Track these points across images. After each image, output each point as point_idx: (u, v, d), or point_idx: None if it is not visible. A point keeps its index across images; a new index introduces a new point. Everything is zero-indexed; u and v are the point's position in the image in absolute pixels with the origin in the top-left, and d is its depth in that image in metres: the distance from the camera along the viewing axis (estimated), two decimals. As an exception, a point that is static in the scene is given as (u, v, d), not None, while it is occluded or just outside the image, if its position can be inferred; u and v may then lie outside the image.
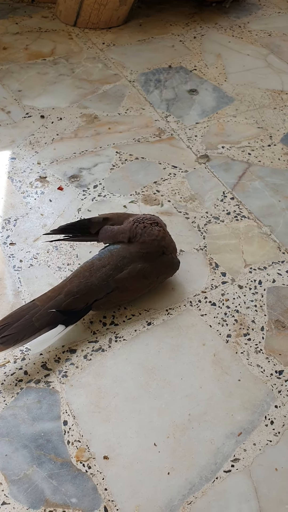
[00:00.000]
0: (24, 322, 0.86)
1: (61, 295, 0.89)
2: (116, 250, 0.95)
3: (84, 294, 0.91)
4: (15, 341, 0.85)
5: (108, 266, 0.93)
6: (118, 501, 0.76)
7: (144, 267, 0.94)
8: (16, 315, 0.87)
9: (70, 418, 0.84)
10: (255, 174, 1.31)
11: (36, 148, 1.38)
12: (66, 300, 0.89)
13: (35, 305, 0.88)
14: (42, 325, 0.87)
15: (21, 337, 0.85)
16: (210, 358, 0.93)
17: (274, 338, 0.96)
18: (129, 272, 0.93)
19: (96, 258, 0.95)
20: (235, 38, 1.90)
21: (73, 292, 0.90)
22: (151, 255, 0.95)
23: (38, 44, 1.82)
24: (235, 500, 0.76)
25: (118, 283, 0.93)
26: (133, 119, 1.49)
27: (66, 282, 0.92)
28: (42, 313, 0.87)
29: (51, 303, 0.88)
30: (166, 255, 0.98)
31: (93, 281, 0.92)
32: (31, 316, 0.86)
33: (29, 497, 0.76)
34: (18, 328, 0.85)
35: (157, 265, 0.96)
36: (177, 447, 0.81)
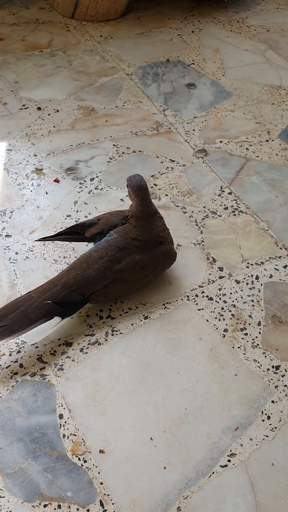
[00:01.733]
0: (19, 314, 0.85)
1: (57, 287, 0.89)
2: (114, 240, 0.93)
3: (81, 286, 0.90)
4: (10, 332, 0.84)
5: (106, 258, 0.92)
6: (114, 495, 0.75)
7: (142, 258, 0.94)
8: (12, 307, 0.86)
9: (66, 411, 0.84)
10: (252, 169, 1.31)
11: (33, 140, 1.37)
12: (63, 292, 0.88)
13: (30, 296, 0.88)
14: (37, 316, 0.86)
15: (16, 328, 0.84)
16: (206, 353, 0.92)
17: (271, 333, 0.96)
18: (127, 263, 0.92)
19: (93, 250, 0.94)
20: (234, 33, 1.89)
21: (69, 284, 0.89)
22: (149, 245, 0.94)
23: (35, 35, 1.80)
24: (231, 495, 0.76)
25: (116, 274, 0.92)
26: (130, 112, 1.48)
27: (62, 274, 0.91)
28: (38, 305, 0.86)
29: (47, 295, 0.88)
30: (164, 245, 0.97)
31: (91, 273, 0.91)
32: (26, 308, 0.86)
33: (24, 491, 0.75)
34: (13, 319, 0.84)
35: (155, 256, 0.96)
36: (173, 442, 0.81)
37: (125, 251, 0.93)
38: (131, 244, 0.94)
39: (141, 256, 0.94)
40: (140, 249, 0.94)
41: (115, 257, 0.92)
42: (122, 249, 0.93)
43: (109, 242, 0.93)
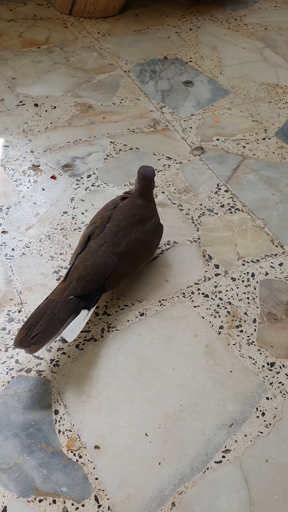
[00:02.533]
0: (47, 318, 0.84)
1: (73, 283, 0.89)
2: (108, 227, 0.96)
3: (94, 275, 0.91)
4: (47, 337, 0.82)
5: (105, 244, 0.94)
6: (109, 490, 0.76)
7: (139, 235, 0.97)
8: (37, 315, 0.85)
9: (61, 407, 0.84)
10: (249, 167, 1.31)
11: (30, 136, 1.36)
12: (80, 285, 0.89)
13: (51, 300, 0.87)
14: (66, 315, 0.85)
15: (51, 332, 0.83)
16: (202, 349, 0.93)
17: (266, 330, 0.96)
18: (126, 243, 0.95)
19: (90, 242, 0.95)
20: (231, 31, 1.89)
21: (83, 275, 0.90)
22: (142, 221, 0.99)
23: (33, 31, 1.80)
24: (226, 491, 0.76)
25: (121, 256, 0.94)
26: (128, 109, 1.48)
27: (72, 271, 0.91)
28: (62, 304, 0.86)
29: (67, 292, 0.88)
30: (153, 220, 1.02)
31: (98, 261, 0.92)
32: (52, 310, 0.85)
33: (19, 486, 0.75)
34: (44, 325, 0.83)
35: (148, 231, 1.00)
36: (168, 438, 0.81)
37: (120, 233, 0.95)
38: (126, 227, 0.96)
39: (137, 233, 0.97)
40: (134, 227, 0.97)
41: (114, 242, 0.94)
42: (117, 233, 0.95)
43: (103, 231, 0.96)
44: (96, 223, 0.98)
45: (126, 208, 0.99)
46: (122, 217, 0.98)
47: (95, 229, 0.97)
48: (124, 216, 0.98)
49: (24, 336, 0.82)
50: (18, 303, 0.98)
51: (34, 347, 0.81)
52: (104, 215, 0.99)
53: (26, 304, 0.98)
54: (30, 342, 0.81)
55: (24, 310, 0.97)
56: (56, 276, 1.03)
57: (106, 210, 1.00)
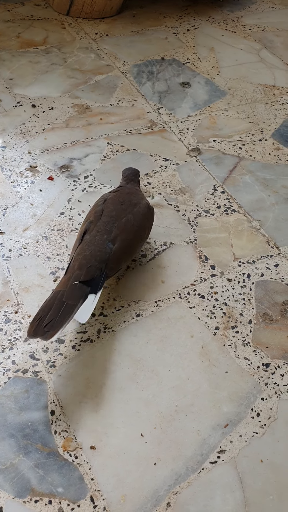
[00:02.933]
0: (57, 306, 0.84)
1: (75, 272, 0.90)
2: (101, 220, 0.98)
3: (94, 262, 0.92)
4: (59, 322, 0.82)
5: (98, 234, 0.96)
6: (104, 490, 0.76)
7: (129, 218, 0.99)
8: (46, 307, 0.85)
9: (58, 408, 0.84)
10: (245, 169, 1.31)
11: (27, 137, 1.37)
12: (83, 272, 0.90)
13: (57, 291, 0.87)
14: (75, 300, 0.86)
15: (63, 317, 0.83)
16: (198, 350, 0.93)
17: (261, 331, 0.97)
18: (118, 227, 0.97)
19: (85, 235, 0.97)
20: (229, 32, 1.89)
21: (84, 263, 0.91)
22: (131, 206, 1.01)
23: (30, 32, 1.80)
24: (220, 491, 0.77)
25: (115, 240, 0.95)
26: (125, 110, 1.48)
27: (72, 263, 0.92)
28: (69, 291, 0.86)
29: (71, 281, 0.88)
30: (143, 201, 1.04)
31: (95, 249, 0.93)
32: (60, 299, 0.85)
33: (15, 486, 0.76)
34: (55, 313, 0.83)
35: (138, 212, 1.01)
36: (164, 438, 0.82)
37: (112, 221, 0.97)
38: (115, 215, 0.98)
39: (127, 217, 0.99)
40: (123, 212, 0.99)
41: (106, 230, 0.96)
42: (108, 222, 0.97)
43: (94, 223, 0.98)
44: (90, 219, 0.99)
45: (115, 198, 1.02)
46: (112, 206, 1.01)
47: (90, 224, 0.99)
48: (113, 205, 1.01)
49: (37, 326, 0.82)
50: (15, 304, 0.98)
51: (49, 334, 0.81)
52: (96, 210, 1.01)
53: (23, 305, 0.98)
54: (44, 330, 0.81)
55: (21, 311, 0.97)
56: (53, 277, 1.03)
57: (97, 206, 1.03)
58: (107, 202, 1.02)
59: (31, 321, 0.84)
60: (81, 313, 0.86)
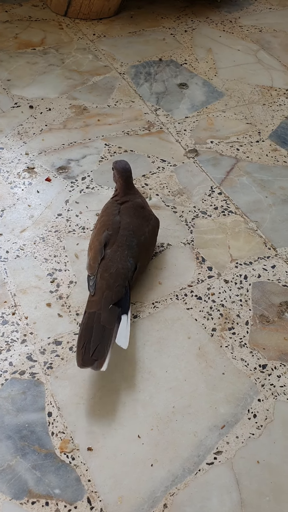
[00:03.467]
0: (97, 331, 0.85)
1: (106, 291, 0.90)
2: (121, 233, 0.98)
3: (120, 280, 0.93)
4: (105, 349, 0.83)
5: (120, 249, 0.96)
6: (101, 492, 0.76)
7: (146, 236, 1.01)
8: (86, 331, 0.85)
9: (55, 409, 0.84)
10: (243, 170, 1.32)
11: (25, 138, 1.37)
12: (113, 292, 0.90)
13: (91, 313, 0.88)
14: (111, 323, 0.86)
15: (106, 343, 0.84)
16: (195, 352, 0.93)
17: (258, 333, 0.97)
18: (138, 246, 0.98)
19: (107, 249, 0.97)
20: (226, 33, 1.90)
21: (112, 283, 0.92)
22: (145, 220, 1.03)
23: (28, 33, 1.80)
24: (217, 492, 0.77)
25: (137, 258, 0.97)
26: (122, 111, 1.48)
27: (99, 281, 0.92)
28: (105, 315, 0.87)
29: (104, 302, 0.89)
30: (153, 217, 1.06)
31: (118, 266, 0.94)
32: (98, 323, 0.86)
33: (12, 488, 0.76)
34: (98, 339, 0.84)
35: (151, 229, 1.04)
36: (161, 439, 0.82)
37: (131, 236, 0.99)
38: (133, 225, 1.00)
39: (145, 235, 1.01)
40: (140, 227, 1.00)
41: (127, 245, 0.97)
42: (128, 236, 0.98)
43: (117, 237, 0.98)
44: (108, 230, 0.99)
45: (131, 211, 1.02)
46: (128, 219, 1.01)
47: (109, 236, 0.98)
48: (130, 218, 1.01)
49: (84, 355, 0.82)
50: (12, 306, 0.98)
51: (98, 363, 0.82)
52: (114, 221, 1.00)
53: (20, 307, 0.98)
54: (92, 359, 0.82)
55: (18, 313, 0.97)
56: (50, 278, 1.03)
57: (112, 215, 1.01)
58: (123, 214, 1.01)
59: (77, 349, 0.83)
60: (121, 337, 0.86)
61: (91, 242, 1.01)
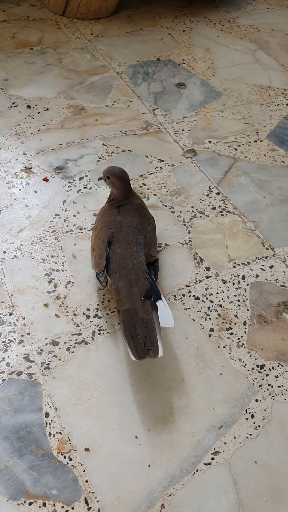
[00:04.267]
0: (140, 324, 0.85)
1: (132, 288, 0.90)
2: (125, 231, 0.98)
3: (138, 272, 0.93)
4: (154, 337, 0.84)
5: (129, 247, 0.96)
6: (99, 492, 0.76)
7: (149, 234, 1.01)
8: (129, 326, 0.85)
9: (52, 410, 0.84)
10: (241, 170, 1.32)
11: (22, 138, 1.37)
12: (139, 287, 0.91)
13: (126, 310, 0.88)
14: (149, 314, 0.87)
15: (152, 331, 0.84)
16: (192, 352, 0.93)
17: (256, 333, 0.97)
18: (145, 243, 0.98)
19: (113, 246, 0.97)
20: (224, 33, 1.90)
21: (133, 278, 0.92)
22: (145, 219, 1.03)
23: (26, 32, 1.80)
24: (215, 492, 0.77)
25: (145, 254, 0.98)
26: (120, 111, 1.48)
27: (121, 280, 0.92)
28: (139, 307, 0.87)
29: (135, 297, 0.89)
30: (150, 215, 1.07)
31: (133, 261, 0.94)
32: (137, 316, 0.86)
33: (9, 489, 0.76)
34: (142, 330, 0.84)
35: (152, 227, 1.05)
36: (158, 440, 0.82)
37: (136, 233, 0.99)
38: (136, 223, 1.00)
39: (148, 233, 1.01)
40: (142, 225, 1.01)
41: (134, 242, 0.98)
42: (134, 233, 0.99)
43: (122, 236, 0.98)
44: (110, 229, 0.99)
45: (131, 211, 1.02)
46: (130, 218, 1.01)
47: (112, 234, 0.98)
48: (132, 217, 1.01)
49: (137, 349, 0.83)
50: (9, 306, 0.98)
51: (153, 351, 0.82)
52: (115, 221, 1.00)
53: (18, 307, 0.98)
54: (147, 350, 0.82)
55: (16, 313, 0.97)
56: (47, 278, 1.03)
57: (113, 215, 1.02)
58: (124, 214, 1.02)
59: (128, 345, 0.84)
60: (164, 319, 0.87)
61: (93, 242, 1.00)
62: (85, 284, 1.03)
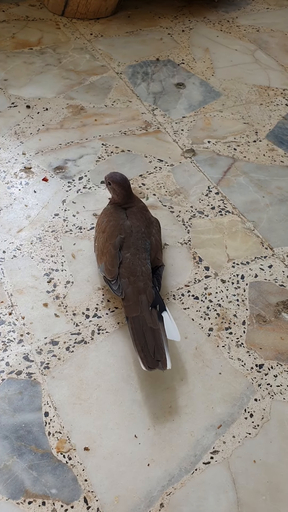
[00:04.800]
0: (149, 334, 0.86)
1: (141, 296, 0.91)
2: (134, 236, 0.99)
3: (146, 281, 0.94)
4: (163, 348, 0.85)
5: (138, 253, 0.97)
6: (98, 491, 0.76)
7: (156, 237, 1.03)
8: (138, 335, 0.86)
9: (51, 409, 0.84)
10: (240, 170, 1.32)
11: (21, 138, 1.37)
12: (147, 295, 0.91)
13: (135, 318, 0.88)
14: (156, 324, 0.88)
15: (161, 343, 0.85)
16: (191, 351, 0.93)
17: (255, 332, 0.97)
18: (152, 248, 1.00)
19: (124, 252, 0.97)
20: (223, 33, 1.90)
21: (142, 285, 0.93)
22: (151, 224, 1.04)
23: (25, 33, 1.80)
24: (214, 491, 0.77)
25: (152, 259, 0.99)
26: (119, 111, 1.48)
27: (130, 286, 0.92)
28: (147, 317, 0.88)
29: (142, 306, 0.90)
30: (155, 219, 1.07)
31: (142, 268, 0.95)
32: (145, 325, 0.87)
33: (9, 488, 0.76)
34: (151, 341, 0.85)
35: (157, 231, 1.05)
36: (157, 439, 0.82)
37: (144, 238, 0.99)
38: (144, 228, 1.01)
39: (154, 237, 1.02)
40: (148, 230, 1.02)
41: (143, 248, 0.98)
42: (142, 239, 0.99)
43: (132, 241, 0.98)
44: (121, 234, 0.99)
45: (138, 215, 1.03)
46: (138, 223, 1.01)
47: (123, 239, 0.98)
48: (139, 222, 1.02)
49: (147, 359, 0.83)
50: (9, 306, 0.98)
51: (162, 363, 0.83)
52: (125, 225, 1.00)
53: (17, 307, 0.98)
54: (156, 361, 0.83)
55: (15, 313, 0.97)
56: (47, 278, 1.03)
57: (122, 219, 1.01)
58: (132, 218, 1.02)
59: (138, 355, 0.84)
60: (171, 332, 0.88)
61: (103, 246, 0.99)
62: (85, 283, 1.03)
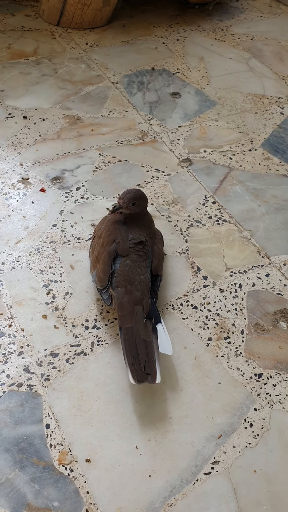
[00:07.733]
0: (141, 346, 0.86)
1: (137, 306, 0.91)
2: (132, 242, 0.98)
3: (144, 291, 0.93)
4: (154, 362, 0.85)
5: (139, 260, 0.96)
6: (100, 504, 0.77)
7: (159, 247, 1.02)
8: (130, 347, 0.86)
9: (53, 421, 0.85)
10: (236, 179, 1.33)
11: (19, 149, 1.37)
12: (143, 306, 0.91)
13: (128, 329, 0.88)
14: (150, 336, 0.88)
15: (152, 355, 0.85)
16: (191, 362, 0.94)
17: (253, 342, 0.98)
18: (154, 256, 0.99)
19: (120, 258, 0.96)
20: (218, 41, 1.91)
21: (139, 296, 0.92)
22: (154, 234, 1.03)
23: (21, 43, 1.81)
24: (215, 502, 0.78)
25: (153, 269, 0.98)
26: (116, 121, 1.49)
27: (127, 296, 0.92)
28: (141, 328, 0.88)
29: (138, 317, 0.90)
30: (158, 231, 1.08)
31: (140, 277, 0.95)
32: (139, 337, 0.87)
33: (11, 502, 0.76)
34: (143, 353, 0.85)
35: (160, 241, 1.06)
36: (158, 450, 0.82)
37: (146, 247, 0.99)
38: (144, 236, 0.99)
39: (157, 246, 1.02)
40: (151, 238, 1.01)
41: (144, 256, 0.98)
42: (143, 246, 0.98)
43: (130, 247, 0.98)
44: (117, 240, 0.98)
45: (139, 221, 1.01)
46: (137, 228, 1.00)
47: (119, 245, 0.97)
48: (138, 228, 1.00)
49: (137, 372, 0.84)
50: (8, 318, 0.99)
51: (151, 376, 0.84)
52: (120, 229, 0.99)
53: (17, 318, 0.99)
54: (146, 374, 0.84)
55: (15, 325, 0.98)
56: (45, 289, 1.04)
57: (118, 224, 1.00)
58: (131, 223, 1.00)
59: (128, 366, 0.84)
60: (164, 345, 0.88)
61: (98, 253, 0.98)
62: (83, 294, 1.03)
